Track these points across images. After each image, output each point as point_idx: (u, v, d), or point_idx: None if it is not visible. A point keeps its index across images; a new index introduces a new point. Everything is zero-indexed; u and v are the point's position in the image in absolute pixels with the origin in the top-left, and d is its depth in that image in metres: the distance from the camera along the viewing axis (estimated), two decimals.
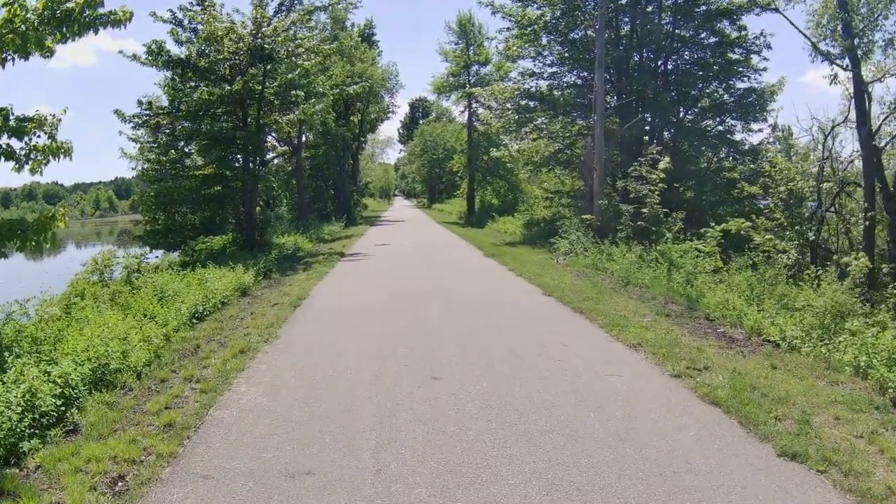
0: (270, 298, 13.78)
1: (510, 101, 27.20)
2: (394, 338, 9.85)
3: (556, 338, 9.71)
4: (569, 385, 7.45)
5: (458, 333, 10.09)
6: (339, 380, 7.78)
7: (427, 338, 9.85)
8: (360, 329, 10.57)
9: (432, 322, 11.05)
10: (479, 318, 11.26)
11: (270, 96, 22.54)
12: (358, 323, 11.07)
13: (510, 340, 9.53)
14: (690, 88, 24.95)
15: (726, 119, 25.38)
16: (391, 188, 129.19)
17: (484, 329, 10.35)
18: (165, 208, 22.27)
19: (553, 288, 14.21)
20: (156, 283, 14.38)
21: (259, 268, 17.50)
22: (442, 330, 10.40)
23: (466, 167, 47.97)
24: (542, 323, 10.86)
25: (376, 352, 9.00)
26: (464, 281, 15.99)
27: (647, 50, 25.74)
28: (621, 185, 20.24)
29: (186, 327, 11.18)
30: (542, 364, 8.29)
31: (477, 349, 9.05)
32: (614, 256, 17.37)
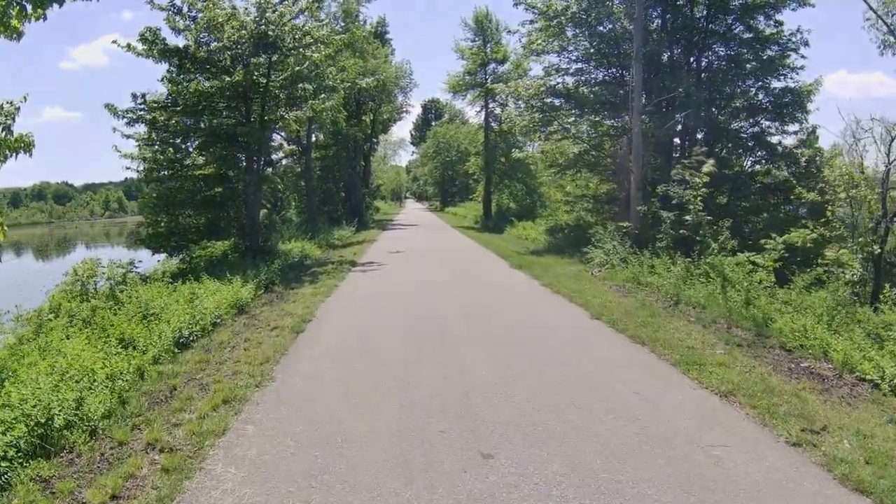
0: (270, 319, 11.80)
1: (534, 99, 25.17)
2: (420, 383, 7.81)
3: (625, 383, 7.65)
4: (667, 468, 5.41)
5: (503, 377, 8.01)
6: (352, 457, 5.75)
7: (461, 382, 7.80)
8: (376, 368, 8.51)
9: (465, 356, 8.99)
10: (524, 352, 9.19)
11: (276, 90, 20.61)
12: (373, 359, 8.98)
13: (570, 389, 7.46)
14: (724, 87, 22.93)
15: (761, 120, 23.32)
16: (403, 191, 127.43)
17: (533, 371, 8.28)
18: (168, 210, 20.45)
19: (599, 309, 12.19)
20: (141, 297, 12.62)
21: (260, 280, 15.57)
22: (479, 369, 8.33)
23: (483, 169, 45.97)
24: (601, 361, 8.75)
25: (398, 407, 6.95)
26: (495, 300, 13.84)
27: (679, 46, 23.72)
28: (662, 189, 18.22)
29: (167, 357, 9.28)
30: (620, 429, 6.24)
31: (531, 404, 7.00)
32: (657, 269, 15.51)
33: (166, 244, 20.26)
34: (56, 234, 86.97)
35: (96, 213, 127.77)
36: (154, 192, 20.98)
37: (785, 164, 22.25)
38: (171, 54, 19.38)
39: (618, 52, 23.51)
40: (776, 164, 22.73)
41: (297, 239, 26.81)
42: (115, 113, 19.15)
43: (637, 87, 19.52)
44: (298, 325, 11.03)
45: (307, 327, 11.04)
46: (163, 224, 20.56)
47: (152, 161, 20.08)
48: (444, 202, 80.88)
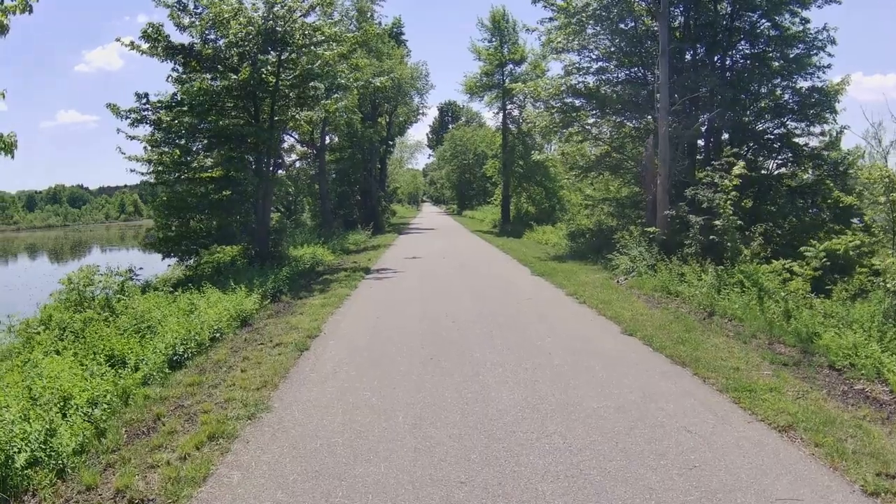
0: (274, 334, 10.84)
1: (554, 98, 24.13)
2: (437, 417, 6.79)
3: (672, 417, 6.59)
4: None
5: (533, 410, 6.96)
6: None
7: (485, 416, 6.76)
8: (388, 397, 7.47)
9: (488, 382, 7.94)
10: (555, 377, 8.12)
11: (285, 89, 19.73)
12: (385, 385, 7.94)
13: (611, 425, 6.40)
14: (749, 87, 21.81)
15: (787, 121, 22.16)
16: (419, 194, 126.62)
17: (566, 401, 7.22)
18: (178, 214, 19.62)
19: (631, 322, 11.15)
20: (138, 309, 11.80)
21: (266, 289, 14.66)
22: (504, 399, 7.30)
23: (501, 172, 44.93)
24: (642, 388, 7.66)
25: (412, 450, 5.90)
26: (518, 311, 12.74)
27: (702, 45, 22.65)
28: (690, 192, 17.16)
29: (158, 377, 8.39)
30: (676, 481, 5.17)
31: (567, 445, 5.97)
32: (686, 277, 14.48)
33: (177, 248, 19.55)
34: (71, 237, 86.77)
35: (111, 217, 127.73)
36: (163, 195, 20.18)
37: (811, 165, 21.16)
38: (175, 52, 18.61)
39: (640, 50, 22.45)
40: (802, 166, 21.63)
41: (310, 244, 25.95)
42: (118, 113, 18.34)
43: (664, 85, 18.45)
44: (303, 342, 10.05)
45: (312, 344, 10.06)
46: (173, 228, 19.75)
47: (158, 163, 19.19)
48: (462, 206, 79.82)
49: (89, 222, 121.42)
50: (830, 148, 21.33)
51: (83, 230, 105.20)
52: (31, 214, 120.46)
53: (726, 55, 22.32)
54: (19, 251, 65.61)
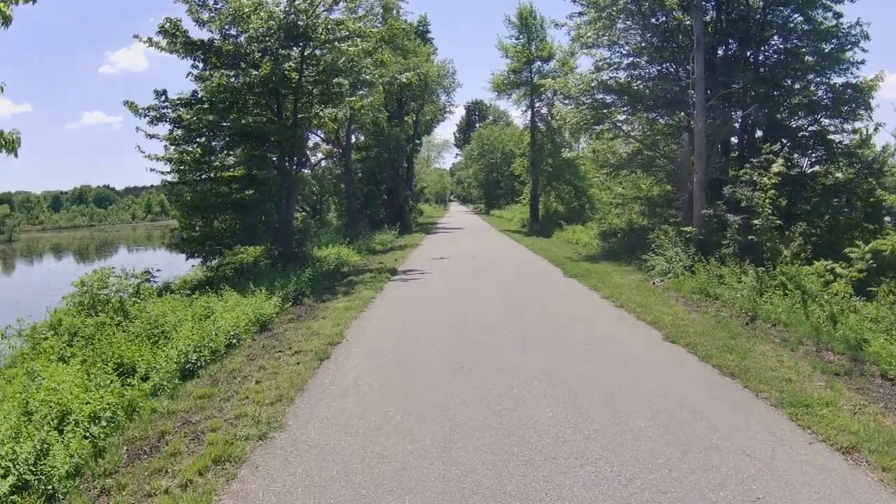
0: (293, 340, 10.23)
1: (585, 95, 23.34)
2: (469, 439, 6.10)
3: (727, 438, 5.84)
4: None
5: (575, 430, 6.27)
6: None
7: (522, 438, 6.06)
8: (413, 414, 6.78)
9: (524, 396, 7.23)
10: (596, 391, 7.36)
11: (308, 85, 19.14)
12: (410, 400, 7.23)
13: (662, 449, 5.66)
14: (782, 82, 20.88)
15: (819, 118, 21.19)
16: (447, 193, 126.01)
17: (611, 421, 6.48)
18: (201, 214, 19.13)
19: (672, 328, 10.37)
20: (152, 313, 11.29)
21: (288, 291, 14.05)
22: (543, 417, 6.60)
23: (529, 171, 44.00)
24: (692, 404, 6.88)
25: (441, 479, 5.20)
26: (552, 316, 11.97)
27: (734, 40, 21.77)
28: (728, 191, 16.33)
29: (168, 388, 7.83)
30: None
31: (616, 474, 5.26)
32: (725, 279, 13.70)
33: (201, 249, 19.06)
34: (97, 237, 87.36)
35: (138, 217, 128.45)
36: (186, 195, 19.68)
37: (846, 163, 20.21)
38: (195, 48, 18.11)
39: (671, 45, 21.64)
40: (836, 163, 20.68)
41: (336, 244, 25.40)
42: (136, 111, 17.88)
43: (699, 79, 17.59)
44: (324, 350, 9.38)
45: (334, 352, 9.39)
46: (197, 228, 19.29)
47: (179, 162, 18.67)
48: (489, 205, 78.98)
49: (115, 222, 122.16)
50: (864, 145, 20.49)
51: (109, 230, 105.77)
52: (57, 215, 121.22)
53: (759, 50, 21.47)
54: (44, 251, 65.98)
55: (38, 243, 78.30)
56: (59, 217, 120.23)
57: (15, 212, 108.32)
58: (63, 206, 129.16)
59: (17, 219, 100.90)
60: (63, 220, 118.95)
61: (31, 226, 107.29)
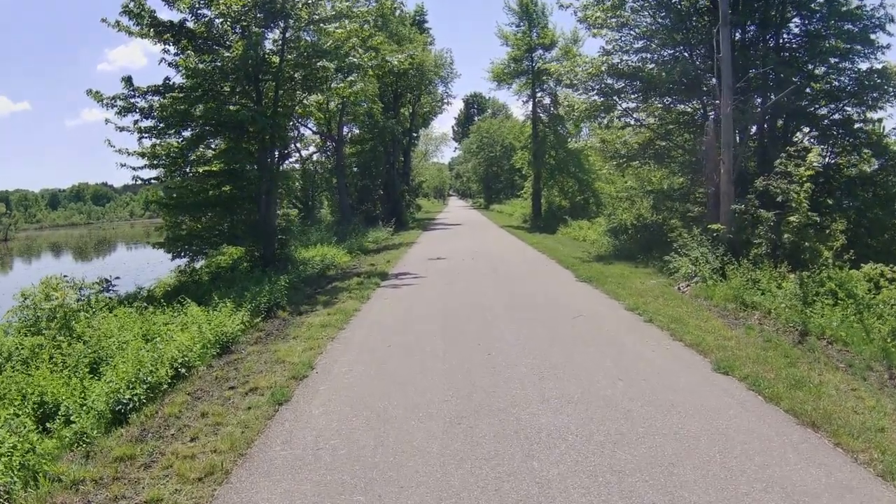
0: (253, 371, 8.37)
1: (594, 79, 21.49)
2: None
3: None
4: None
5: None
6: None
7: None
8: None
9: (543, 458, 5.41)
10: (639, 458, 5.53)
11: (289, 69, 17.28)
12: (388, 479, 5.28)
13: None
14: (804, 68, 19.08)
15: (843, 105, 19.38)
16: (446, 188, 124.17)
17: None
18: (183, 212, 17.74)
19: (718, 352, 8.47)
20: (100, 331, 9.56)
21: (259, 302, 12.19)
22: (572, 500, 4.80)
23: (531, 164, 42.10)
24: (781, 487, 4.96)
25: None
26: (570, 336, 9.97)
27: (752, 24, 20.00)
28: (760, 184, 14.53)
29: (88, 439, 6.07)
30: None
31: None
32: (762, 284, 11.95)
33: (187, 248, 17.65)
34: (94, 235, 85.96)
35: (136, 214, 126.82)
36: (159, 192, 18.51)
37: (872, 154, 18.44)
38: (164, 30, 16.27)
39: (685, 27, 19.97)
40: (861, 154, 18.90)
41: (325, 243, 23.60)
42: (101, 100, 16.08)
43: (725, 60, 15.73)
44: (285, 389, 7.45)
45: (296, 393, 7.42)
46: (184, 226, 17.92)
47: (152, 156, 16.86)
48: (489, 199, 77.16)
49: (113, 220, 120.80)
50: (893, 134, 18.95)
51: (106, 228, 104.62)
52: (55, 213, 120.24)
53: (779, 33, 19.68)
54: (39, 250, 64.27)
55: (34, 242, 77.00)
56: (56, 215, 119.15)
57: (13, 210, 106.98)
58: (61, 204, 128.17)
59: (15, 217, 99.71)
60: (61, 218, 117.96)
61: (29, 224, 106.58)
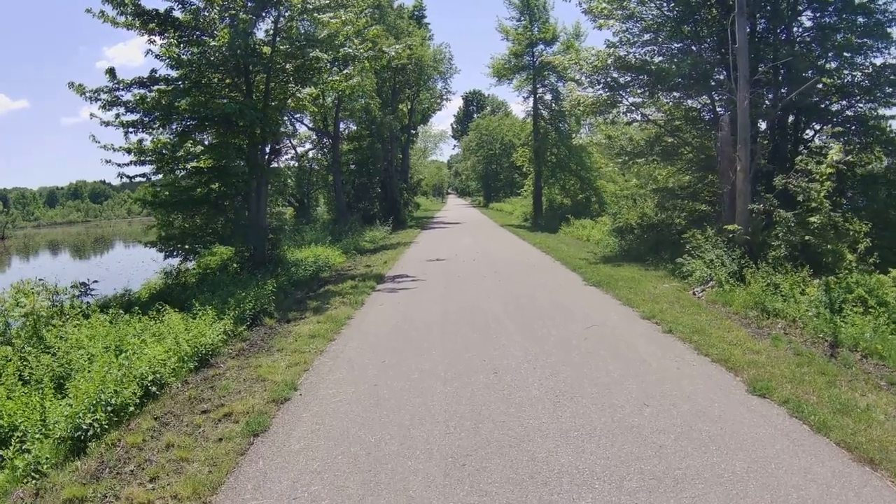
0: (230, 391, 7.48)
1: (600, 73, 20.62)
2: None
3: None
4: None
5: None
6: None
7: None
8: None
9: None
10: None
11: (280, 59, 16.39)
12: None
13: None
14: (816, 63, 18.25)
15: (855, 101, 18.56)
16: (445, 186, 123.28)
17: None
18: (177, 209, 17.04)
19: (749, 369, 7.61)
20: (69, 342, 8.70)
21: (244, 308, 11.30)
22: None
23: (532, 161, 41.14)
24: None
25: None
26: (586, 353, 8.89)
27: (763, 17, 19.19)
28: (779, 182, 13.69)
29: (42, 470, 5.49)
30: None
31: None
32: (783, 289, 11.12)
33: (179, 247, 16.92)
34: (91, 233, 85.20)
35: (134, 212, 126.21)
36: (144, 190, 17.89)
37: (886, 152, 17.67)
38: (149, 19, 15.37)
39: (693, 19, 19.27)
40: (873, 151, 18.09)
41: (320, 242, 22.72)
42: (83, 93, 15.17)
43: (742, 50, 14.83)
44: (263, 415, 6.55)
45: (275, 420, 6.48)
46: (176, 225, 17.27)
47: (138, 152, 15.99)
48: (488, 198, 76.23)
49: (111, 217, 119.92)
50: None
51: (104, 226, 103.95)
52: (52, 211, 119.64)
53: (791, 26, 18.86)
54: (36, 248, 63.40)
55: (31, 240, 76.28)
56: (54, 213, 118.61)
57: (10, 208, 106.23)
58: (59, 202, 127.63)
59: (12, 215, 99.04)
60: (58, 215, 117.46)
61: (27, 222, 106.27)
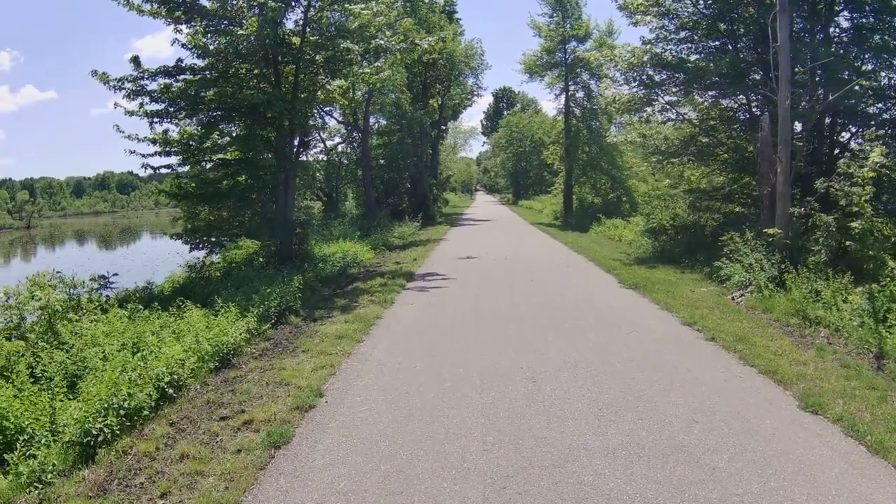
0: (251, 395, 7.06)
1: (635, 70, 19.97)
2: None
3: None
4: None
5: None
6: None
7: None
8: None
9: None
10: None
11: (309, 49, 15.96)
12: None
13: None
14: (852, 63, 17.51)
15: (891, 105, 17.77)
16: (473, 183, 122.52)
17: None
18: (202, 202, 16.66)
19: (797, 382, 7.09)
20: (84, 338, 8.30)
21: (269, 305, 10.87)
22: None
23: (563, 159, 40.37)
24: None
25: None
26: (627, 361, 8.31)
27: (799, 17, 18.47)
28: (821, 185, 13.01)
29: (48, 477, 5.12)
30: None
31: None
32: (823, 297, 10.56)
33: (206, 240, 16.65)
34: (118, 224, 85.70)
35: (161, 203, 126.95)
36: (168, 182, 17.33)
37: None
38: (175, 6, 15.01)
39: (730, 16, 18.69)
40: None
41: (348, 238, 22.29)
42: (107, 81, 14.81)
43: (783, 48, 14.12)
44: (285, 424, 6.08)
45: (299, 430, 5.99)
46: (202, 217, 16.87)
47: (164, 143, 15.67)
48: (517, 195, 75.48)
49: (138, 208, 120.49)
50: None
51: (131, 216, 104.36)
52: (79, 201, 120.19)
53: (828, 26, 18.13)
54: (62, 238, 63.91)
55: (57, 229, 76.79)
56: (81, 203, 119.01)
57: (37, 198, 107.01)
58: (86, 192, 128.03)
59: (39, 205, 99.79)
60: (85, 206, 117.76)
61: (53, 212, 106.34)
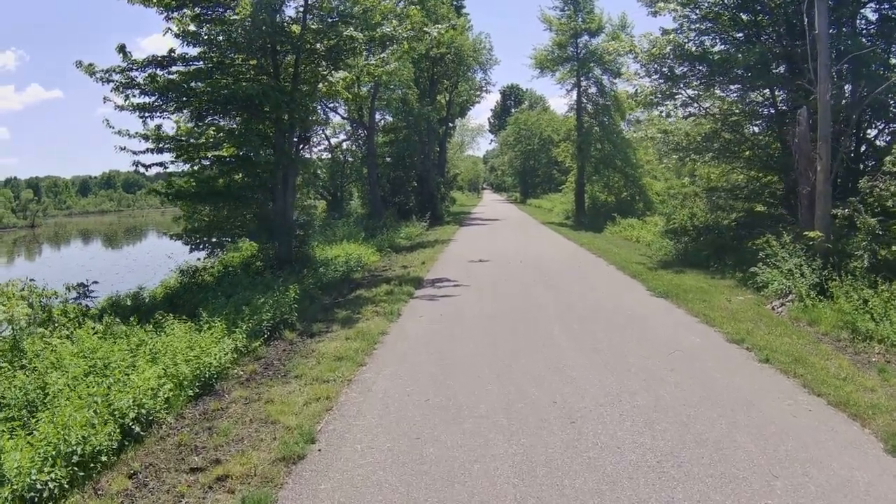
0: (229, 438, 5.91)
1: (656, 61, 18.83)
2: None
3: None
4: None
5: None
6: None
7: None
8: None
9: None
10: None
11: (309, 36, 14.80)
12: None
13: None
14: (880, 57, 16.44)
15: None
16: (480, 181, 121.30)
17: None
18: (196, 202, 16.00)
19: (877, 416, 5.99)
20: (49, 360, 7.17)
21: (260, 319, 9.72)
22: None
23: (575, 157, 39.15)
24: None
25: None
26: (674, 390, 7.05)
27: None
28: (865, 185, 11.88)
29: None
30: None
31: None
32: (871, 306, 9.45)
33: (206, 240, 15.76)
34: (124, 222, 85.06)
35: (167, 202, 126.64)
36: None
37: None
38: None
39: (754, 7, 17.79)
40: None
41: (352, 239, 21.17)
42: (92, 73, 13.70)
43: (822, 37, 12.94)
44: (266, 484, 4.88)
45: (282, 494, 4.75)
46: (204, 217, 16.10)
47: (155, 139, 14.59)
48: (525, 194, 74.28)
49: (144, 207, 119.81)
50: None
51: (136, 215, 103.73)
52: (85, 199, 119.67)
53: (855, 17, 17.07)
54: (66, 237, 63.25)
55: (62, 228, 76.19)
56: (86, 202, 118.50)
57: (42, 197, 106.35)
58: (91, 191, 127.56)
59: (44, 204, 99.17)
60: (90, 204, 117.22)
61: (59, 210, 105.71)
